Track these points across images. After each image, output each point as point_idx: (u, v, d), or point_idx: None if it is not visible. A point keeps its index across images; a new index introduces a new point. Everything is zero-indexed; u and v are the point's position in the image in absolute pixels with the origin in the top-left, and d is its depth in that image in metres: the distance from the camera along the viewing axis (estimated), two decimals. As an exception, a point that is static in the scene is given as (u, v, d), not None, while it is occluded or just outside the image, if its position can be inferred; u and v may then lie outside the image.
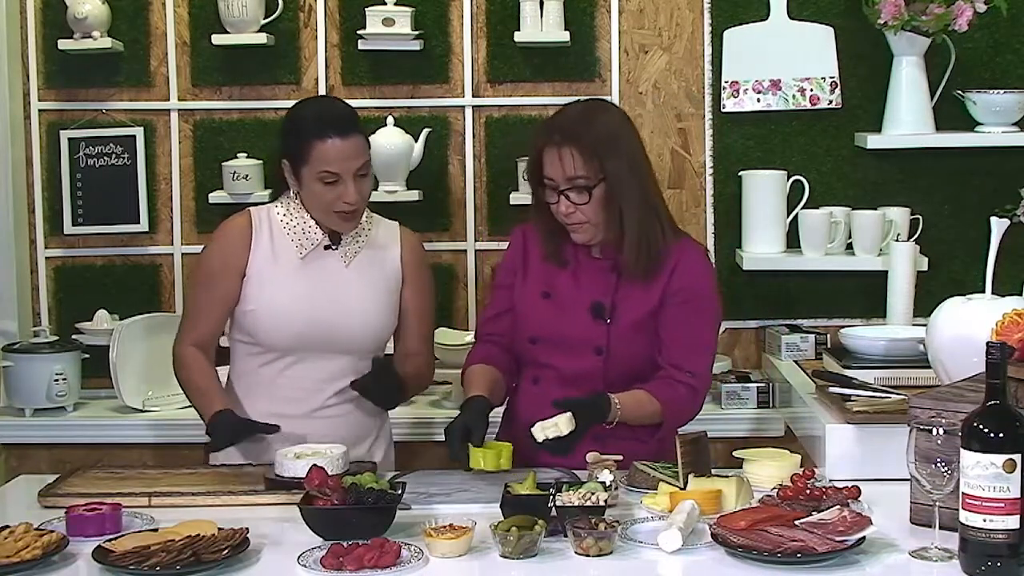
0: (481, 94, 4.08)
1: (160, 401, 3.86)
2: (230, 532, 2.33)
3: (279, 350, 3.01)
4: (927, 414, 2.39)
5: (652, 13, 4.07)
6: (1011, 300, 2.74)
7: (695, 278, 2.91)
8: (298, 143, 2.93)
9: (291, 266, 3.00)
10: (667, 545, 2.30)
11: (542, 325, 2.95)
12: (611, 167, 2.81)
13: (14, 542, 2.31)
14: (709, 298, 2.95)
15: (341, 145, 2.91)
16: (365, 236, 3.07)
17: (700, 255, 2.97)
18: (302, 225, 3.01)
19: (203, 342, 3.05)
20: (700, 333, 2.93)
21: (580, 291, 2.92)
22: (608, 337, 2.89)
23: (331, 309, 2.99)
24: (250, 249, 3.00)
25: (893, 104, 3.90)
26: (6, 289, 4.03)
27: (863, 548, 2.29)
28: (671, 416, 2.89)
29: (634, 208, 2.83)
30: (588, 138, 2.80)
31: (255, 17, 3.97)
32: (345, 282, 3.02)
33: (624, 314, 2.89)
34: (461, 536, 2.32)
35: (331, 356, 3.02)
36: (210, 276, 3.03)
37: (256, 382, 3.05)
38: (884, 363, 3.19)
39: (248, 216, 3.04)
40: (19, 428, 3.87)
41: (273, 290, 2.98)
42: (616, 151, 2.82)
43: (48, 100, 4.11)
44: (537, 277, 2.98)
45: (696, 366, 2.91)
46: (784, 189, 3.97)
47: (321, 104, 3.11)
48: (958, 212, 4.01)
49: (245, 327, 3.02)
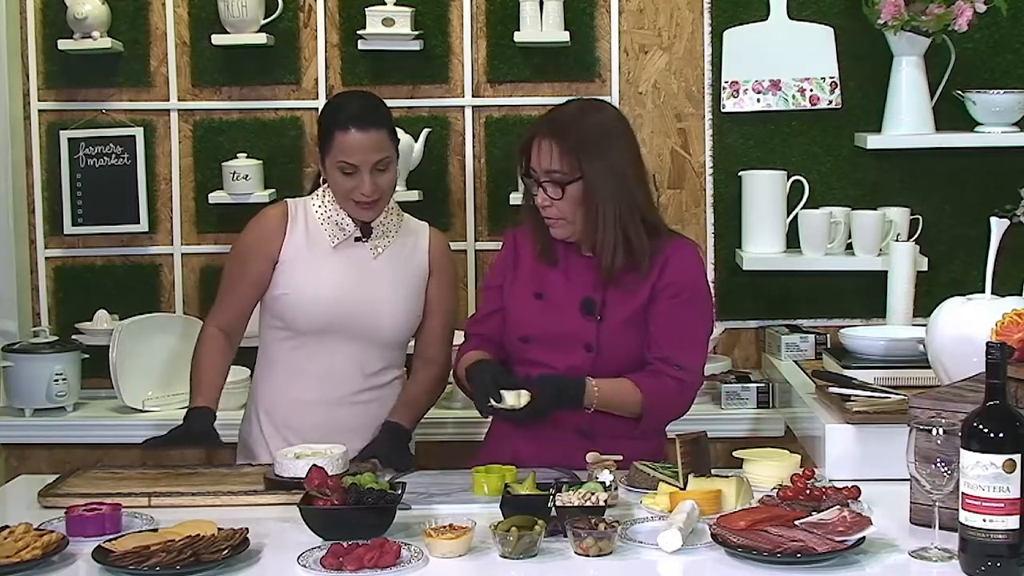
0: (481, 94, 4.08)
1: (160, 401, 3.86)
2: (230, 532, 2.33)
3: (309, 333, 3.08)
4: (927, 414, 2.39)
5: (652, 13, 4.07)
6: (1011, 300, 2.75)
7: (685, 273, 2.92)
8: (324, 132, 3.06)
9: (324, 254, 3.10)
10: (667, 545, 2.30)
11: (533, 324, 2.96)
12: (590, 167, 2.82)
13: (14, 542, 2.31)
14: (700, 294, 2.95)
15: (360, 137, 3.00)
16: (395, 231, 3.17)
17: (692, 253, 2.97)
18: (335, 216, 3.11)
19: (229, 324, 3.13)
20: (690, 327, 2.93)
21: (570, 289, 2.94)
22: (598, 334, 2.90)
23: (359, 295, 3.08)
24: (284, 237, 3.10)
25: (893, 104, 3.90)
26: (6, 289, 4.03)
27: (863, 548, 2.29)
28: (653, 408, 2.88)
29: (612, 210, 2.83)
30: (572, 135, 2.83)
31: (255, 17, 3.97)
32: (373, 272, 3.11)
33: (614, 311, 2.90)
34: (461, 536, 2.32)
35: (359, 343, 3.10)
36: (243, 257, 3.13)
37: (287, 369, 3.11)
38: (884, 363, 3.19)
39: (285, 206, 3.16)
40: (19, 428, 3.87)
41: (306, 275, 3.08)
42: (599, 152, 2.83)
43: (48, 100, 4.11)
44: (529, 278, 2.99)
45: (685, 359, 2.90)
46: (784, 189, 3.97)
47: (351, 97, 3.17)
48: (958, 212, 4.01)
49: (277, 311, 3.11)
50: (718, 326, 4.04)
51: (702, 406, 3.86)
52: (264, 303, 3.15)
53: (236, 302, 3.13)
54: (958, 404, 2.37)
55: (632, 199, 2.87)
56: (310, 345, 3.09)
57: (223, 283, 3.18)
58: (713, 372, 3.86)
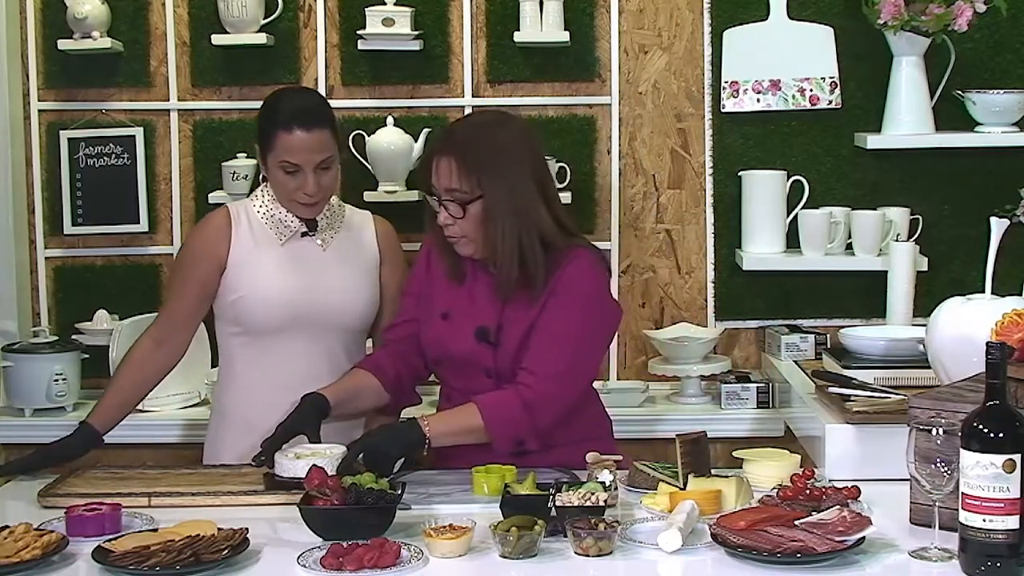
0: (481, 94, 4.08)
1: (160, 401, 3.85)
2: (230, 532, 2.33)
3: (270, 333, 3.07)
4: (927, 414, 2.39)
5: (652, 13, 4.07)
6: (1011, 300, 2.75)
7: (572, 280, 2.82)
8: (265, 131, 3.03)
9: (272, 253, 3.09)
10: (667, 545, 2.30)
11: (439, 346, 2.93)
12: (490, 185, 2.76)
13: (14, 542, 2.31)
14: (583, 298, 2.83)
15: (304, 137, 2.98)
16: (340, 222, 3.17)
17: (586, 260, 2.86)
18: (278, 215, 3.10)
19: (172, 333, 3.10)
20: (561, 331, 2.80)
21: (473, 311, 2.89)
22: (495, 360, 2.86)
23: (313, 288, 3.07)
24: (230, 242, 3.09)
25: (893, 104, 3.90)
26: (6, 289, 4.02)
27: (863, 548, 2.29)
28: (494, 425, 2.77)
29: (512, 229, 2.77)
30: (471, 153, 2.77)
31: (255, 17, 3.97)
32: (324, 264, 3.11)
33: (511, 334, 2.83)
34: (461, 536, 2.32)
35: (320, 336, 3.09)
36: (190, 263, 3.12)
37: (252, 372, 3.10)
38: (884, 363, 3.19)
39: (227, 210, 3.15)
40: (19, 428, 3.87)
41: (258, 276, 3.07)
42: (499, 170, 2.77)
43: (48, 100, 4.11)
44: (439, 296, 2.94)
45: (543, 366, 2.78)
46: (784, 189, 3.97)
47: (293, 95, 3.15)
48: (958, 212, 4.01)
49: (233, 316, 3.09)
50: (718, 326, 4.06)
51: (702, 406, 3.87)
52: (219, 311, 3.13)
53: (182, 309, 3.10)
54: (958, 404, 2.38)
55: (531, 217, 2.79)
56: (272, 345, 3.08)
57: (168, 292, 3.16)
58: (713, 372, 3.86)
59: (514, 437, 2.79)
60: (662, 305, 4.12)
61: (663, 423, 3.74)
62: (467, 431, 2.79)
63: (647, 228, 4.10)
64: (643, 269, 4.11)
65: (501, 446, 2.78)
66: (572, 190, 4.00)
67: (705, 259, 4.09)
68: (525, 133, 2.90)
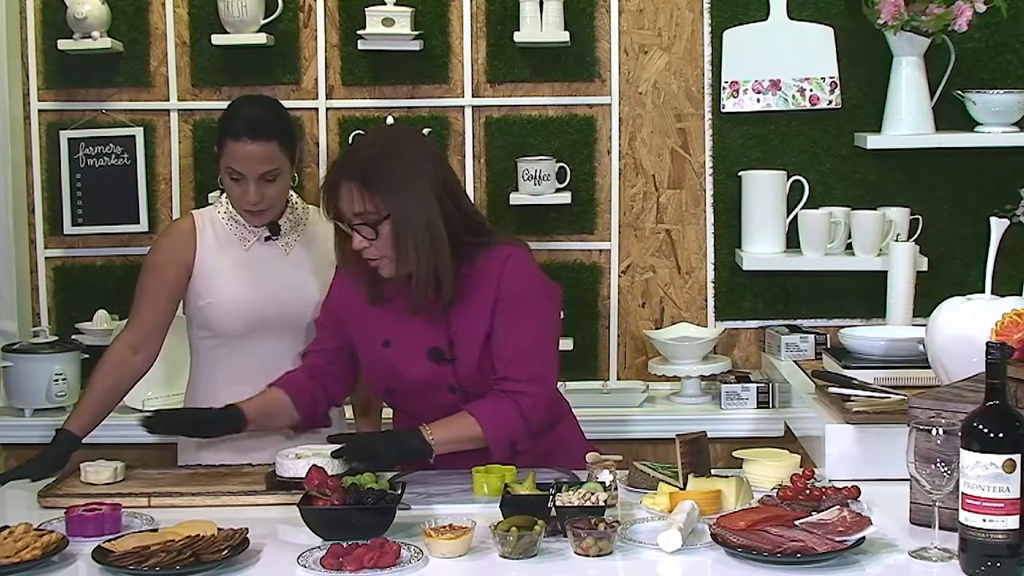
0: (481, 94, 4.08)
1: (160, 401, 3.85)
2: (230, 532, 2.33)
3: (241, 335, 3.12)
4: (927, 414, 2.39)
5: (652, 13, 4.07)
6: (1011, 300, 2.75)
7: (515, 283, 2.84)
8: (219, 136, 3.10)
9: (238, 258, 3.15)
10: (667, 545, 2.30)
11: (390, 377, 2.92)
12: (395, 205, 2.75)
13: (14, 542, 2.31)
14: (534, 299, 2.86)
15: (250, 148, 3.04)
16: (303, 227, 3.21)
17: (519, 258, 2.88)
18: (241, 220, 3.17)
19: (143, 338, 3.14)
20: (523, 337, 2.83)
21: (413, 335, 2.87)
22: (456, 374, 2.86)
23: (280, 290, 3.13)
24: (196, 247, 3.14)
25: (893, 104, 3.90)
26: (6, 289, 4.02)
27: (863, 548, 2.29)
28: (495, 433, 2.79)
29: (423, 246, 2.76)
30: (373, 175, 2.76)
31: (255, 17, 3.97)
32: (289, 266, 3.16)
33: (466, 348, 2.84)
34: (461, 536, 2.32)
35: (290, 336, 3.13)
36: (158, 268, 3.16)
37: (224, 374, 3.14)
38: (884, 363, 3.20)
39: (191, 218, 3.22)
40: (19, 428, 3.87)
41: (224, 281, 3.13)
42: (402, 188, 2.75)
43: (48, 100, 4.11)
44: (374, 323, 2.92)
45: (520, 371, 2.82)
46: (784, 189, 3.97)
47: (248, 105, 3.18)
48: (958, 212, 4.01)
49: (202, 321, 3.16)
50: (718, 326, 4.06)
51: (702, 406, 3.87)
52: (189, 317, 3.19)
53: (152, 315, 3.14)
54: (958, 404, 2.38)
55: (438, 232, 2.77)
56: (240, 346, 3.13)
57: (137, 298, 3.17)
58: (713, 372, 3.86)
59: (511, 444, 2.82)
60: (662, 305, 4.12)
61: (663, 423, 3.74)
62: (467, 440, 2.81)
63: (647, 228, 4.10)
64: (643, 269, 4.11)
65: (498, 454, 2.80)
66: (572, 190, 4.00)
67: (705, 259, 4.09)
68: (422, 143, 2.92)
